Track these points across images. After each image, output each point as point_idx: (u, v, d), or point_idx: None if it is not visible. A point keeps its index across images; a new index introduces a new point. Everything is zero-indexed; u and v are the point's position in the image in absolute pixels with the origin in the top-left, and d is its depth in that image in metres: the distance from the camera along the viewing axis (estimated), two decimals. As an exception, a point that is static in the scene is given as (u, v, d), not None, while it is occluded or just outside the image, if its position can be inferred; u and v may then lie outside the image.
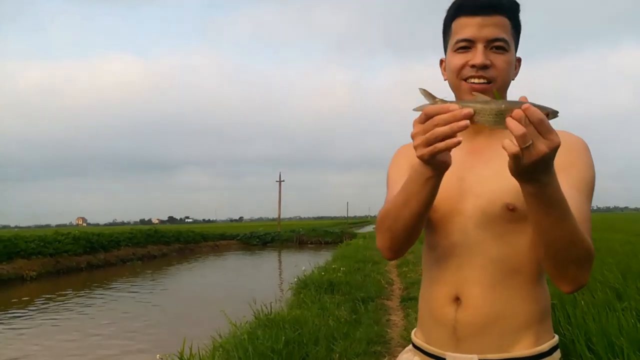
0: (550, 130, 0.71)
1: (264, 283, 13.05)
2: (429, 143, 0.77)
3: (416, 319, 1.07)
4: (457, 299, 0.99)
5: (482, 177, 1.00)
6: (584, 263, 0.86)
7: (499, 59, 0.99)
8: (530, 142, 0.70)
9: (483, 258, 0.98)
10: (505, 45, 0.99)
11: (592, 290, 4.41)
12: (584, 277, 0.88)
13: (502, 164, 0.82)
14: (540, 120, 0.70)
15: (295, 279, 8.11)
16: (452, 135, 0.76)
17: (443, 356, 1.01)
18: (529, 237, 0.95)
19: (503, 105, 0.73)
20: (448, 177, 0.90)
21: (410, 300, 6.13)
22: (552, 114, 0.74)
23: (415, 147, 0.80)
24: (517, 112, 0.70)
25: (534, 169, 0.73)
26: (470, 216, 0.99)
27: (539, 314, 0.99)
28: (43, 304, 10.98)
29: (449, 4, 1.06)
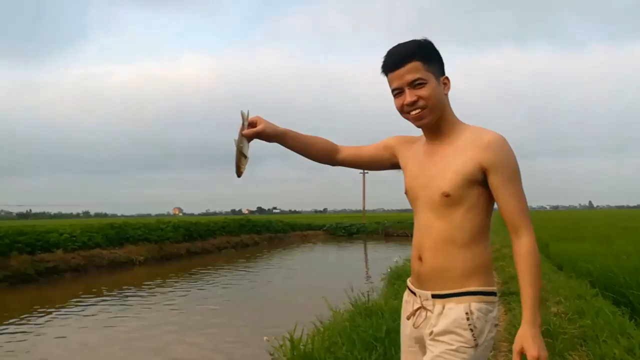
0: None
1: (354, 272, 13.15)
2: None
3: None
4: (420, 258, 1.49)
5: (431, 174, 1.46)
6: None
7: (422, 91, 1.40)
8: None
9: (431, 231, 1.45)
10: (422, 81, 1.40)
11: None
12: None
13: (444, 164, 1.42)
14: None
15: (388, 270, 8.10)
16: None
17: (415, 291, 1.53)
18: (459, 215, 1.41)
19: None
20: (414, 173, 1.52)
21: (511, 295, 5.84)
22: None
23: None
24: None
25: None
26: (423, 202, 1.48)
27: (469, 270, 1.42)
28: (152, 287, 11.97)
29: None
